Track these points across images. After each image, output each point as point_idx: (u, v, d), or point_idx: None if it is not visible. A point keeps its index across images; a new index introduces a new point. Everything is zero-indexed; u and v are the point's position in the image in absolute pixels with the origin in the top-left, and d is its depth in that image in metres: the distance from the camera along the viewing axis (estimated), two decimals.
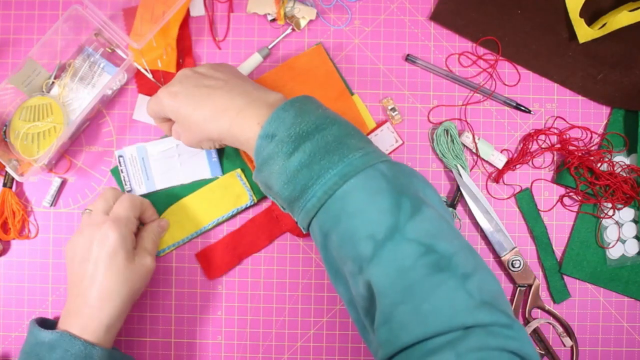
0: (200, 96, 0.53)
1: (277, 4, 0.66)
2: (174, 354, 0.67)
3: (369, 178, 0.46)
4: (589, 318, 0.67)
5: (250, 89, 0.53)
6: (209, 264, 0.66)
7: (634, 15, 0.63)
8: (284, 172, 0.47)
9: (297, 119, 0.48)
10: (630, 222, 0.67)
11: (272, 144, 0.48)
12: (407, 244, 0.44)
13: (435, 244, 0.44)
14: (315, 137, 0.47)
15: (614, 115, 0.68)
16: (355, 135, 0.49)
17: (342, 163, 0.46)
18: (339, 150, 0.47)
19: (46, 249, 0.67)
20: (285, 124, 0.48)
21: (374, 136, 0.67)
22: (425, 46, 0.68)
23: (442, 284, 0.43)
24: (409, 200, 0.45)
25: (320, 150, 0.47)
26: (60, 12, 0.68)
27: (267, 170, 0.49)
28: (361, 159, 0.47)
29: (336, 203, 0.46)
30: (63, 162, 0.67)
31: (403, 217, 0.44)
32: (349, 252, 0.46)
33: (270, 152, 0.48)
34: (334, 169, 0.46)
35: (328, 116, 0.49)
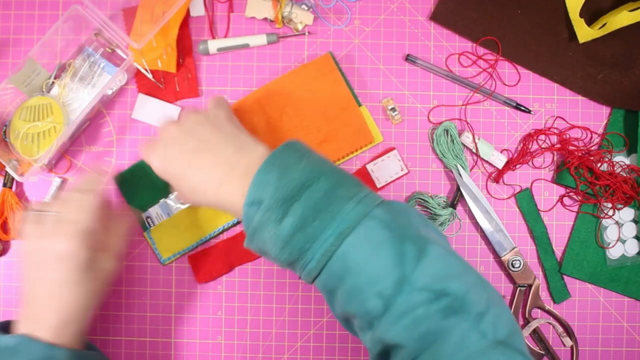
0: (183, 167, 0.51)
1: (274, 8, 0.66)
2: (174, 354, 0.67)
3: (367, 230, 0.44)
4: (589, 318, 0.67)
5: (230, 152, 0.51)
6: (199, 268, 0.66)
7: (634, 15, 0.63)
8: (278, 239, 0.45)
9: (281, 180, 0.46)
10: (630, 222, 0.67)
11: (260, 212, 0.46)
12: (417, 294, 0.43)
13: (446, 287, 0.43)
14: (303, 197, 0.45)
15: (614, 115, 0.68)
16: (344, 183, 0.47)
17: (335, 221, 0.44)
18: (331, 206, 0.45)
19: None
20: (269, 187, 0.46)
21: (380, 162, 0.66)
22: (425, 46, 0.68)
23: (456, 326, 0.42)
24: (412, 244, 0.44)
25: (311, 210, 0.44)
26: (60, 12, 0.68)
27: (259, 239, 0.47)
28: (355, 211, 0.44)
29: (337, 263, 0.44)
30: (63, 162, 0.67)
31: (409, 266, 0.43)
32: (357, 310, 0.45)
33: (259, 221, 0.46)
34: (328, 229, 0.44)
35: (313, 168, 0.47)
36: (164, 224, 0.66)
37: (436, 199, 0.66)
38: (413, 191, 0.67)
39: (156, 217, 0.66)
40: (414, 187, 0.67)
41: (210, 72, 0.68)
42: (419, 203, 0.67)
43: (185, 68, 0.67)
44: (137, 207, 0.66)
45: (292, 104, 0.66)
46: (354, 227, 0.44)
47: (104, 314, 0.67)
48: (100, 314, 0.67)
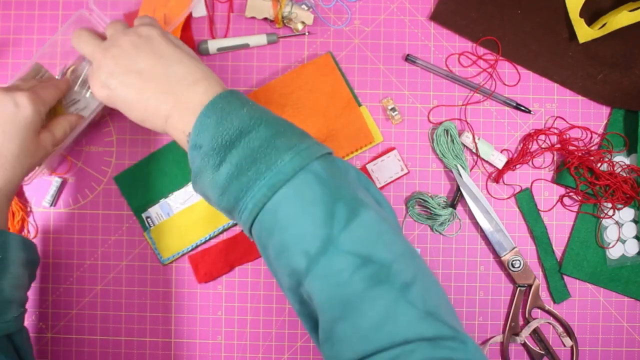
0: (130, 100, 0.50)
1: (274, 8, 0.66)
2: (174, 354, 0.67)
3: (301, 185, 0.43)
4: (589, 318, 0.67)
5: (174, 83, 0.49)
6: (199, 268, 0.66)
7: (634, 15, 0.63)
8: (215, 185, 0.45)
9: (220, 126, 0.45)
10: (630, 222, 0.67)
11: (199, 156, 0.45)
12: (341, 256, 0.41)
13: (372, 254, 0.41)
14: (241, 145, 0.44)
15: (614, 115, 0.68)
16: (285, 133, 0.45)
17: (270, 172, 0.43)
18: (267, 156, 0.43)
19: (46, 249, 0.67)
20: (208, 133, 0.45)
21: (380, 162, 0.66)
22: (425, 46, 0.68)
23: (381, 297, 0.40)
24: (345, 205, 0.42)
25: (247, 159, 0.43)
26: (60, 12, 0.68)
27: (200, 183, 0.46)
28: (291, 163, 0.43)
29: (267, 215, 0.43)
30: (63, 162, 0.67)
31: (337, 227, 0.42)
32: (285, 267, 0.44)
33: (199, 165, 0.46)
34: (261, 179, 0.43)
35: (252, 116, 0.45)
36: (164, 224, 0.66)
37: (436, 199, 0.66)
38: (413, 191, 0.67)
39: (156, 217, 0.66)
40: (414, 187, 0.67)
41: None
42: (419, 203, 0.67)
43: None
44: (137, 207, 0.66)
45: (292, 104, 0.66)
46: (287, 179, 0.43)
47: (104, 314, 0.67)
48: (100, 314, 0.67)
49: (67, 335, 0.67)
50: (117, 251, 0.67)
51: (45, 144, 0.58)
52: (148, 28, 0.51)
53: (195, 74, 0.49)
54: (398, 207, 0.67)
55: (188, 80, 0.49)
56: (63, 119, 0.61)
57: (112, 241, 0.67)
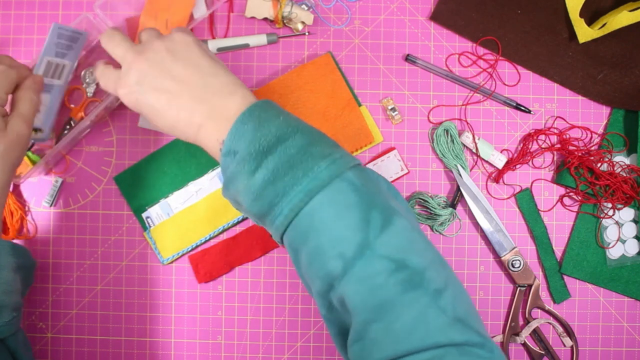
0: (161, 106, 0.49)
1: (274, 8, 0.66)
2: (174, 354, 0.67)
3: (336, 192, 0.44)
4: (589, 318, 0.67)
5: (210, 94, 0.49)
6: (199, 268, 0.66)
7: (634, 15, 0.63)
8: (249, 190, 0.45)
9: (257, 132, 0.45)
10: (630, 222, 0.67)
11: (234, 162, 0.46)
12: (378, 260, 0.42)
13: (407, 259, 0.43)
14: (278, 151, 0.45)
15: (614, 115, 0.68)
16: (320, 142, 0.46)
17: (306, 178, 0.44)
18: (303, 163, 0.44)
19: (46, 249, 0.67)
20: (245, 139, 0.46)
21: (380, 162, 0.66)
22: (425, 46, 0.68)
23: (414, 301, 0.42)
24: (379, 212, 0.44)
25: (284, 165, 0.44)
26: (60, 12, 0.68)
27: (233, 188, 0.47)
28: (327, 170, 0.44)
29: (303, 220, 0.44)
30: (63, 162, 0.67)
31: (373, 232, 0.43)
32: (318, 271, 0.44)
33: (233, 171, 0.46)
34: (298, 185, 0.44)
35: (290, 124, 0.46)
36: (164, 224, 0.66)
37: (436, 199, 0.66)
38: (413, 191, 0.67)
39: (156, 217, 0.66)
40: (414, 187, 0.67)
41: None
42: (419, 203, 0.67)
43: None
44: (137, 207, 0.67)
45: (292, 104, 0.66)
46: (324, 186, 0.44)
47: (104, 314, 0.67)
48: (101, 314, 0.67)
49: (67, 335, 0.67)
50: (117, 251, 0.67)
51: (18, 129, 0.54)
52: (184, 35, 0.51)
53: (230, 85, 0.49)
54: None
55: (224, 91, 0.49)
56: (23, 91, 0.56)
57: (112, 241, 0.67)
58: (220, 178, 0.66)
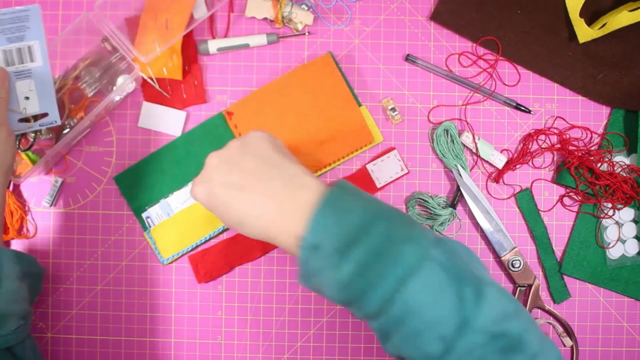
0: (228, 201, 0.48)
1: (274, 8, 0.66)
2: (174, 354, 0.67)
3: (427, 275, 0.44)
4: (589, 318, 0.67)
5: (279, 186, 0.48)
6: (200, 268, 0.66)
7: (634, 15, 0.63)
8: (335, 283, 0.44)
9: (339, 225, 0.44)
10: (630, 222, 0.67)
11: (318, 257, 0.44)
12: (477, 336, 0.43)
13: (505, 328, 0.44)
14: (362, 242, 0.44)
15: (614, 115, 0.68)
16: (399, 223, 0.46)
17: (395, 266, 0.43)
18: (390, 249, 0.44)
19: (46, 249, 0.67)
20: (328, 233, 0.44)
21: (380, 162, 0.66)
22: (425, 46, 0.68)
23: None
24: (471, 286, 0.44)
25: (371, 255, 0.44)
26: (60, 12, 0.68)
27: (316, 281, 0.46)
28: (413, 255, 0.44)
29: (397, 307, 0.44)
30: (63, 162, 0.67)
31: (469, 309, 0.43)
32: (414, 352, 0.45)
33: (317, 265, 0.45)
34: (389, 274, 0.43)
35: (369, 210, 0.46)
36: (164, 224, 0.66)
37: (436, 199, 0.66)
38: (413, 191, 0.67)
39: (156, 217, 0.66)
40: (414, 187, 0.67)
41: (210, 72, 0.68)
42: (419, 203, 0.67)
43: (192, 75, 0.67)
44: (137, 207, 0.66)
45: (292, 104, 0.66)
46: (413, 271, 0.43)
47: (104, 314, 0.67)
48: (101, 314, 0.67)
49: (67, 335, 0.67)
50: (117, 251, 0.67)
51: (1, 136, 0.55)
52: (256, 132, 0.52)
53: (300, 176, 0.49)
54: (398, 207, 0.67)
55: (294, 182, 0.48)
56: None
57: (112, 241, 0.67)
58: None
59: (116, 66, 0.66)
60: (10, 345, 0.54)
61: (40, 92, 0.60)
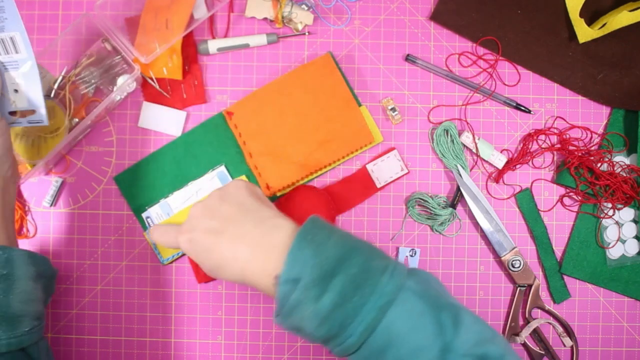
0: (208, 246, 0.50)
1: (274, 8, 0.66)
2: (174, 354, 0.67)
3: (405, 303, 0.45)
4: (589, 318, 0.67)
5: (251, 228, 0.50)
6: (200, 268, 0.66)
7: (634, 15, 0.63)
8: (316, 316, 0.45)
9: (317, 257, 0.45)
10: (630, 222, 0.67)
11: (298, 290, 0.45)
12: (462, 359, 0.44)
13: (485, 352, 0.44)
14: (341, 273, 0.45)
15: (614, 115, 0.68)
16: (373, 255, 0.47)
17: (374, 295, 0.44)
18: (368, 280, 0.45)
19: (46, 249, 0.67)
20: (305, 265, 0.45)
21: (380, 162, 0.66)
22: (425, 46, 0.68)
23: None
24: (447, 312, 0.45)
25: (350, 285, 0.44)
26: (60, 12, 0.68)
27: (296, 316, 0.46)
28: (391, 284, 0.45)
29: (379, 337, 0.44)
30: (63, 163, 0.67)
31: (448, 334, 0.44)
32: None
33: (297, 298, 0.45)
34: (368, 303, 0.44)
35: (344, 243, 0.47)
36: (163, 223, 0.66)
37: (436, 199, 0.66)
38: (413, 191, 0.67)
39: (156, 217, 0.66)
40: (414, 187, 0.67)
41: (210, 72, 0.68)
42: (419, 203, 0.67)
43: (192, 75, 0.67)
44: (137, 207, 0.66)
45: (292, 104, 0.66)
46: (392, 300, 0.44)
47: (104, 314, 0.67)
48: (101, 314, 0.67)
49: (67, 335, 0.67)
50: (117, 251, 0.67)
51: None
52: (237, 181, 0.54)
53: (273, 218, 0.50)
54: (398, 207, 0.67)
55: (267, 224, 0.49)
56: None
57: (112, 241, 0.67)
58: (220, 178, 0.66)
59: (116, 66, 0.66)
60: (24, 346, 0.54)
61: (27, 87, 0.57)
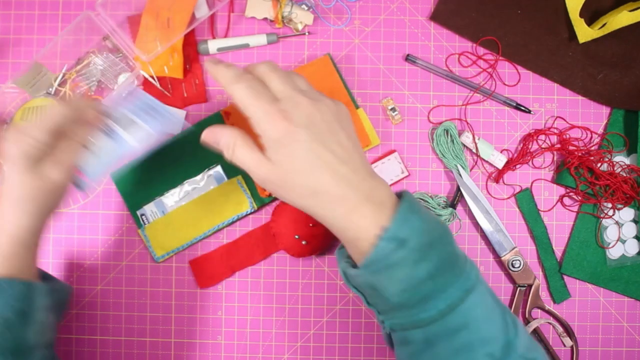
0: (321, 167, 0.44)
1: (274, 8, 0.66)
2: (174, 354, 0.67)
3: (482, 293, 0.46)
4: (589, 318, 0.67)
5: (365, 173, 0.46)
6: (201, 273, 0.66)
7: (634, 15, 0.63)
8: (407, 280, 0.44)
9: (424, 224, 0.45)
10: (630, 222, 0.67)
11: (403, 250, 0.43)
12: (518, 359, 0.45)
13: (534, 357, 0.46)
14: (439, 247, 0.45)
15: (614, 115, 0.68)
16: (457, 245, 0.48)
17: (462, 277, 0.45)
18: (457, 262, 0.46)
19: (46, 249, 0.67)
20: (415, 230, 0.44)
21: (381, 164, 0.66)
22: (425, 46, 0.68)
23: None
24: (509, 314, 0.47)
25: (444, 261, 0.45)
26: (60, 12, 0.68)
27: (385, 274, 0.44)
28: (473, 272, 0.46)
29: (456, 317, 0.45)
30: None
31: (511, 333, 0.46)
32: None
33: (398, 259, 0.44)
34: (456, 283, 0.45)
35: (439, 221, 0.47)
36: (158, 221, 0.66)
37: (436, 199, 0.66)
38: (413, 191, 0.67)
39: (151, 215, 0.66)
40: (414, 187, 0.67)
41: None
42: None
43: (192, 74, 0.67)
44: (132, 205, 0.66)
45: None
46: (473, 287, 0.46)
47: (104, 314, 0.67)
48: (101, 313, 0.67)
49: (67, 336, 0.67)
50: (117, 251, 0.67)
51: (52, 175, 0.52)
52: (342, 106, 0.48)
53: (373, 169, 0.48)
54: None
55: (373, 174, 0.47)
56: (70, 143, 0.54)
57: (112, 241, 0.67)
58: (216, 178, 0.66)
59: (117, 64, 0.66)
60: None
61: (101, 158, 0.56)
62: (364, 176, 0.46)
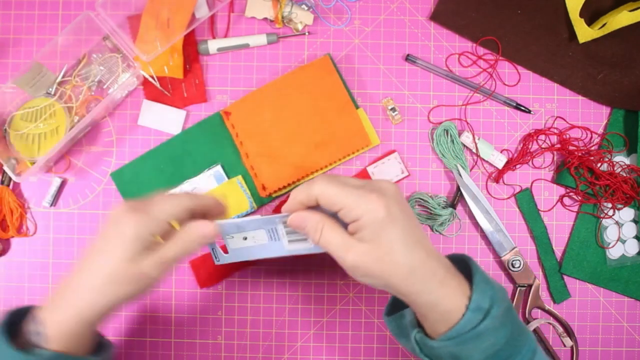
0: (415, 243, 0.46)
1: (274, 8, 0.66)
2: (174, 354, 0.67)
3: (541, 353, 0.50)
4: (589, 318, 0.67)
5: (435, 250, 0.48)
6: (201, 273, 0.66)
7: (634, 15, 0.63)
8: (491, 347, 0.46)
9: (498, 293, 0.47)
10: (630, 222, 0.67)
11: (488, 319, 0.45)
12: None
13: None
14: (512, 312, 0.48)
15: (614, 115, 0.68)
16: None
17: (528, 341, 0.48)
18: (521, 323, 0.49)
19: (46, 249, 0.67)
20: (494, 298, 0.46)
21: (381, 164, 0.66)
22: (425, 46, 0.68)
23: None
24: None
25: (516, 325, 0.48)
26: (60, 12, 0.68)
27: (471, 344, 0.46)
28: (532, 337, 0.50)
29: None
30: (63, 162, 0.67)
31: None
32: None
33: (484, 328, 0.45)
34: (525, 345, 0.48)
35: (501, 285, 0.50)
36: None
37: (436, 199, 0.66)
38: (413, 191, 0.67)
39: None
40: (414, 187, 0.67)
41: (210, 72, 0.68)
42: (419, 203, 0.67)
43: (192, 74, 0.67)
44: None
45: (289, 105, 0.66)
46: (536, 348, 0.49)
47: None
48: None
49: None
50: None
51: (148, 272, 0.47)
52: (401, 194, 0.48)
53: None
54: None
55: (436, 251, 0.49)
56: (178, 240, 0.49)
57: None
58: (216, 177, 0.66)
59: (118, 64, 0.66)
60: None
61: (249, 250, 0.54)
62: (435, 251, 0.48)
